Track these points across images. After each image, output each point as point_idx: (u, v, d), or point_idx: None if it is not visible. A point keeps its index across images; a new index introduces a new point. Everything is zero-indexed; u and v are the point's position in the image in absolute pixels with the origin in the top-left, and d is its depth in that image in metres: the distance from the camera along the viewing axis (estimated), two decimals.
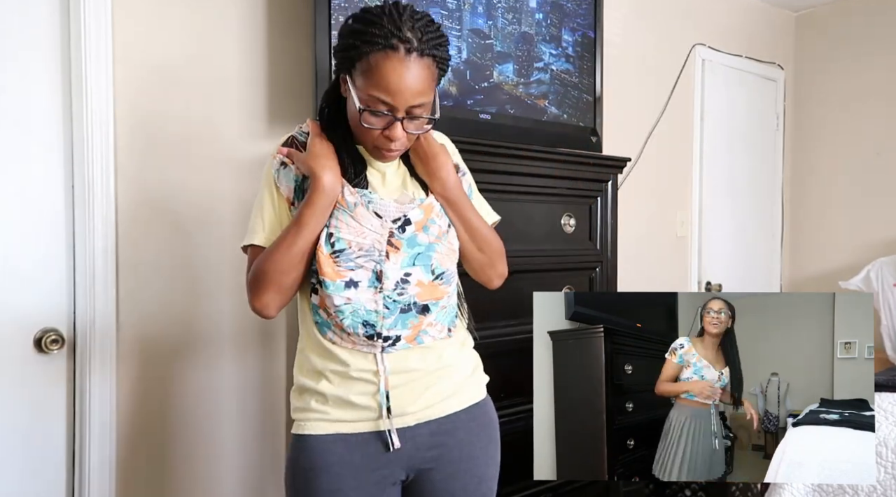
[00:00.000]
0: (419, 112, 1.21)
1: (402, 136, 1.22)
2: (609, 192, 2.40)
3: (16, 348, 1.73)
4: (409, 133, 1.23)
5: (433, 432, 1.32)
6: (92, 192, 1.78)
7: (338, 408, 1.27)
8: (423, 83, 1.18)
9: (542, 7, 2.37)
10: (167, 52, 1.91)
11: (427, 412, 1.31)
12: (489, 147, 2.03)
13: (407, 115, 1.20)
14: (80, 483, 1.81)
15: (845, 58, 3.95)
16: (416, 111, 1.20)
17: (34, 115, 1.74)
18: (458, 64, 2.15)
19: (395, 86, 1.16)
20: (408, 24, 1.16)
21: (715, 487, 2.66)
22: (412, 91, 1.17)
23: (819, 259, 4.06)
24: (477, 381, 1.43)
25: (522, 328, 2.08)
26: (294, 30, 2.12)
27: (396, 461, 1.30)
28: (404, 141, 1.24)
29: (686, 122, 3.51)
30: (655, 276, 3.36)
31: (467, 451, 1.35)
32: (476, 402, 1.39)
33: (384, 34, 1.15)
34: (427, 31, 1.18)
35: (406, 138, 1.24)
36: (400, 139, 1.22)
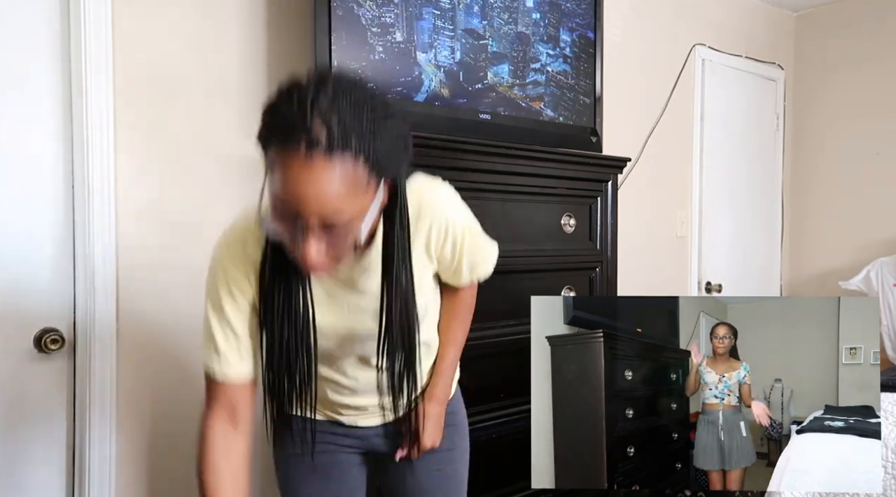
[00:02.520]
0: (342, 223, 0.91)
1: (317, 254, 0.92)
2: (609, 192, 2.39)
3: (16, 348, 1.73)
4: (330, 248, 0.93)
5: (389, 434, 1.36)
6: (92, 193, 1.77)
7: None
8: (338, 189, 0.87)
9: (540, 7, 2.34)
10: (167, 53, 1.91)
11: (386, 416, 1.33)
12: (489, 147, 2.02)
13: (324, 226, 0.90)
14: (80, 483, 1.81)
15: (845, 58, 3.94)
16: (337, 220, 0.90)
17: (34, 115, 1.74)
18: (451, 65, 2.13)
19: (293, 192, 0.88)
20: (320, 109, 0.86)
21: (715, 494, 2.65)
22: (319, 200, 0.87)
23: (819, 259, 4.05)
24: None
25: (522, 328, 2.07)
26: (294, 30, 2.11)
27: (355, 443, 1.36)
28: (327, 262, 0.95)
29: (686, 122, 3.50)
30: (655, 276, 3.36)
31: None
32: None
33: (284, 124, 0.88)
34: (351, 120, 0.88)
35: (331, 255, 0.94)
36: (314, 258, 0.92)
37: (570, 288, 2.27)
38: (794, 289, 4.14)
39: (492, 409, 2.06)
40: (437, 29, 2.07)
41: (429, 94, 2.07)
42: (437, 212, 1.14)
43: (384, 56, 1.98)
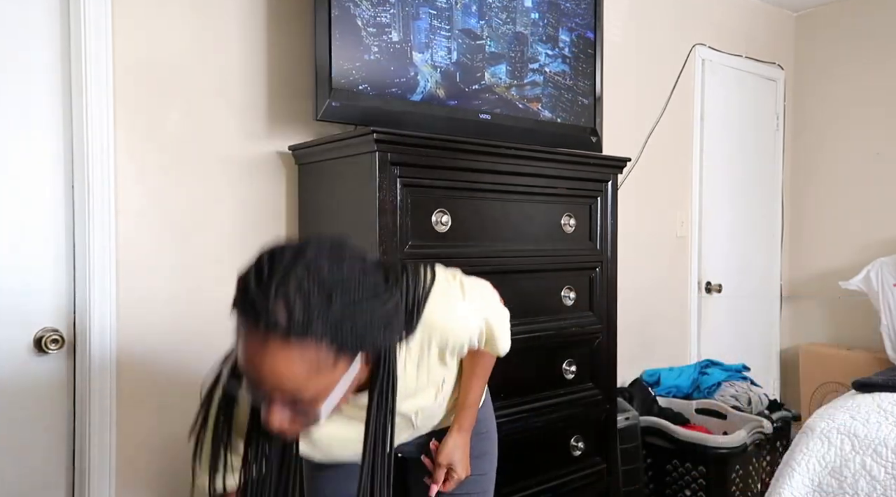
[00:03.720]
0: (305, 399, 0.88)
1: (280, 422, 0.91)
2: (609, 192, 2.39)
3: (16, 348, 1.73)
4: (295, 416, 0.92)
5: (420, 443, 1.38)
6: (91, 193, 1.78)
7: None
8: (296, 371, 0.84)
9: (539, 6, 2.34)
10: (167, 52, 1.91)
11: (417, 432, 1.34)
12: (489, 147, 2.02)
13: (285, 400, 0.89)
14: (80, 483, 1.81)
15: (845, 58, 3.94)
16: (299, 397, 0.88)
17: (34, 115, 1.74)
18: (447, 65, 2.12)
19: (251, 368, 0.86)
20: (286, 290, 0.82)
21: (715, 488, 2.65)
22: (275, 380, 0.85)
23: (819, 259, 4.05)
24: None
25: (523, 328, 2.07)
26: (294, 29, 2.11)
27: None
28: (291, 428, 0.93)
29: (686, 122, 3.50)
30: (655, 276, 3.36)
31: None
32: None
33: (246, 300, 0.84)
34: (319, 302, 0.83)
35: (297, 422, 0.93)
36: (276, 425, 0.91)
37: (571, 287, 2.27)
38: (794, 289, 4.14)
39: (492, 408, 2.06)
40: (433, 29, 2.07)
41: (425, 94, 2.07)
42: (451, 337, 1.16)
43: (380, 56, 1.98)
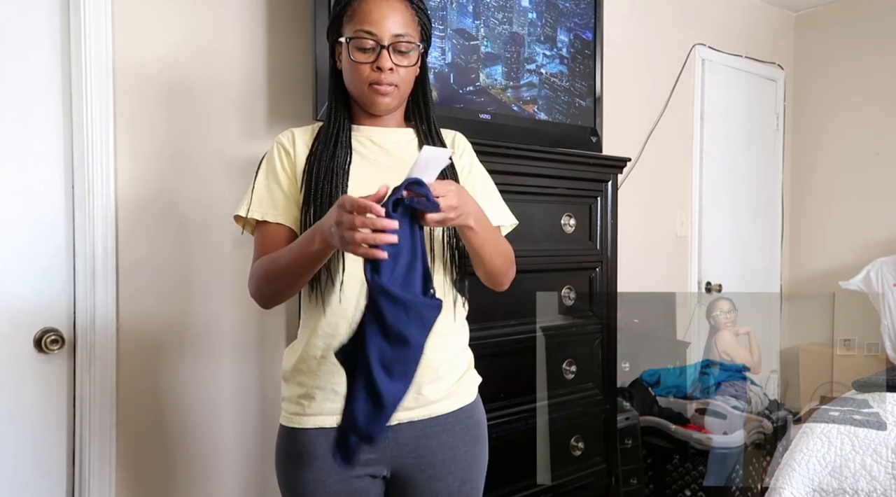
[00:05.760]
0: (404, 47, 1.28)
1: (390, 65, 1.27)
2: (609, 192, 2.39)
3: (16, 348, 1.73)
4: (397, 65, 1.28)
5: (417, 435, 1.31)
6: (92, 193, 1.78)
7: (324, 400, 1.28)
8: (404, 17, 1.28)
9: (537, 6, 2.31)
10: (167, 52, 1.91)
11: (412, 413, 1.30)
12: (489, 147, 2.02)
13: (393, 49, 1.27)
14: (80, 483, 1.81)
15: (845, 58, 3.94)
16: (401, 46, 1.28)
17: (34, 115, 1.74)
18: (441, 67, 2.11)
19: (376, 17, 1.26)
20: None
21: (715, 488, 2.65)
22: (394, 20, 1.27)
23: (819, 259, 4.05)
24: (470, 381, 1.41)
25: (522, 328, 2.08)
26: (294, 30, 2.11)
27: (379, 457, 1.29)
28: (394, 77, 1.29)
29: (686, 122, 3.50)
30: (655, 276, 3.36)
31: (451, 453, 1.34)
32: (463, 406, 1.37)
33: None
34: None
35: (396, 74, 1.29)
36: (389, 68, 1.27)
37: (571, 288, 2.28)
38: (794, 288, 4.14)
39: (492, 409, 2.05)
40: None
41: None
42: (466, 147, 1.44)
43: None
